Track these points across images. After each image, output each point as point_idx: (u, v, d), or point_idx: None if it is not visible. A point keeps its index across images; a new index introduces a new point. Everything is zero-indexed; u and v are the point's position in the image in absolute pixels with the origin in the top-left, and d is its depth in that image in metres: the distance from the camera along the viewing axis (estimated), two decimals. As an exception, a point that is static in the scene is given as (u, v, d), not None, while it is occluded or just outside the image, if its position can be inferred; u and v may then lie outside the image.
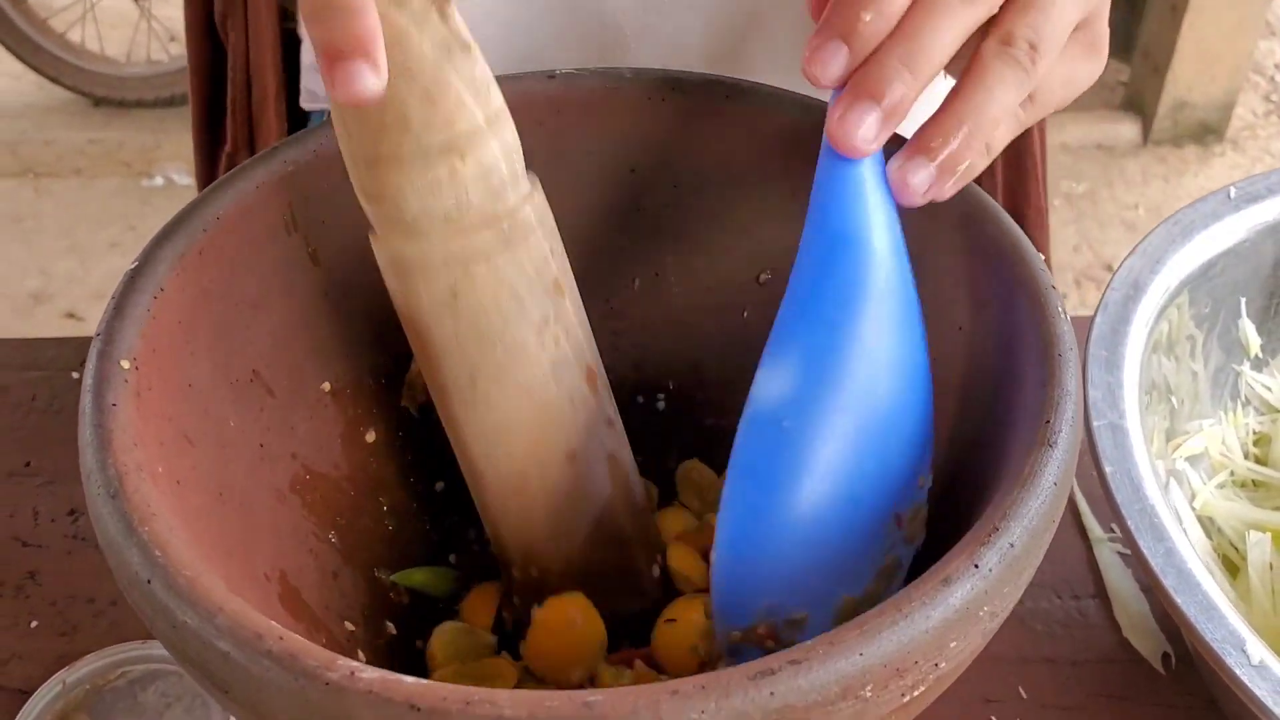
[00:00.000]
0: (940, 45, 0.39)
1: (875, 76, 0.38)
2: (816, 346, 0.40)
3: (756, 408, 0.40)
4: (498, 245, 0.42)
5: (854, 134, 0.38)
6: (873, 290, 0.39)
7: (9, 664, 0.58)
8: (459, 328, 0.43)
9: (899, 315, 0.40)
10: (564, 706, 0.29)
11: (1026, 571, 0.35)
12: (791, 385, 0.40)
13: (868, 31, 0.38)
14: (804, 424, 0.40)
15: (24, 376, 0.73)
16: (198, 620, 0.32)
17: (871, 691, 0.31)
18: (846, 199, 0.39)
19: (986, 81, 0.39)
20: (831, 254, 0.39)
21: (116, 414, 0.37)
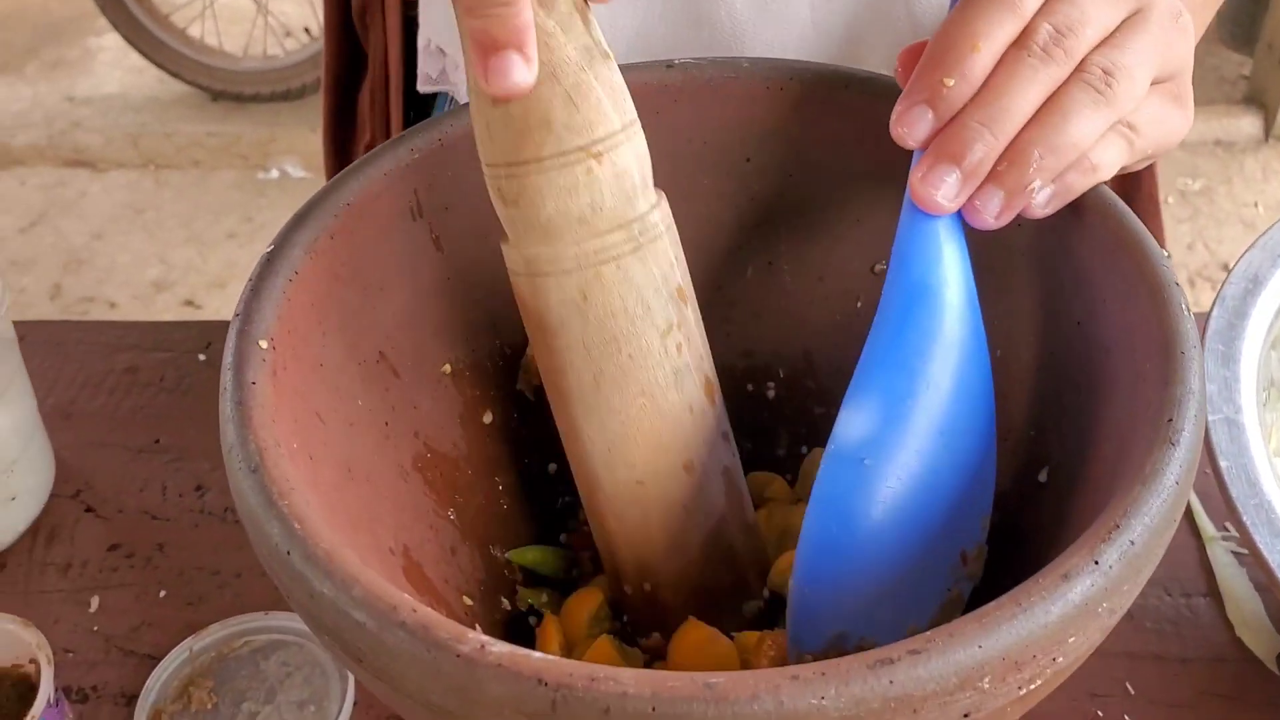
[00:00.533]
0: (1021, 106, 0.40)
1: (957, 139, 0.40)
2: (897, 390, 0.42)
3: (839, 444, 0.43)
4: (628, 249, 0.44)
5: (935, 194, 0.40)
6: (949, 340, 0.42)
7: (139, 630, 0.60)
8: (586, 330, 0.44)
9: (970, 364, 0.43)
10: (686, 687, 0.30)
11: (1146, 569, 0.35)
12: (873, 426, 0.42)
13: (951, 96, 0.40)
14: (883, 463, 0.42)
15: (152, 358, 0.76)
16: (334, 590, 0.33)
17: (989, 684, 0.31)
18: (927, 253, 0.42)
19: (1062, 106, 0.41)
20: (911, 304, 0.42)
21: (255, 391, 0.39)
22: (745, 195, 0.54)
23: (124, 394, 0.74)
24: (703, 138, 0.53)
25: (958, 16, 0.41)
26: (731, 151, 0.53)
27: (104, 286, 2.33)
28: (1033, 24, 0.41)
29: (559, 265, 0.43)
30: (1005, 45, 0.41)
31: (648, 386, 0.46)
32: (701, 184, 0.53)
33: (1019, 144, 0.40)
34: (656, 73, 0.52)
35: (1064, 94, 0.41)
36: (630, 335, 0.45)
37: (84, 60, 3.03)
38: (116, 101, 2.84)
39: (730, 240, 0.55)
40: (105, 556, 0.64)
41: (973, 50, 0.40)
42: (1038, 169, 0.40)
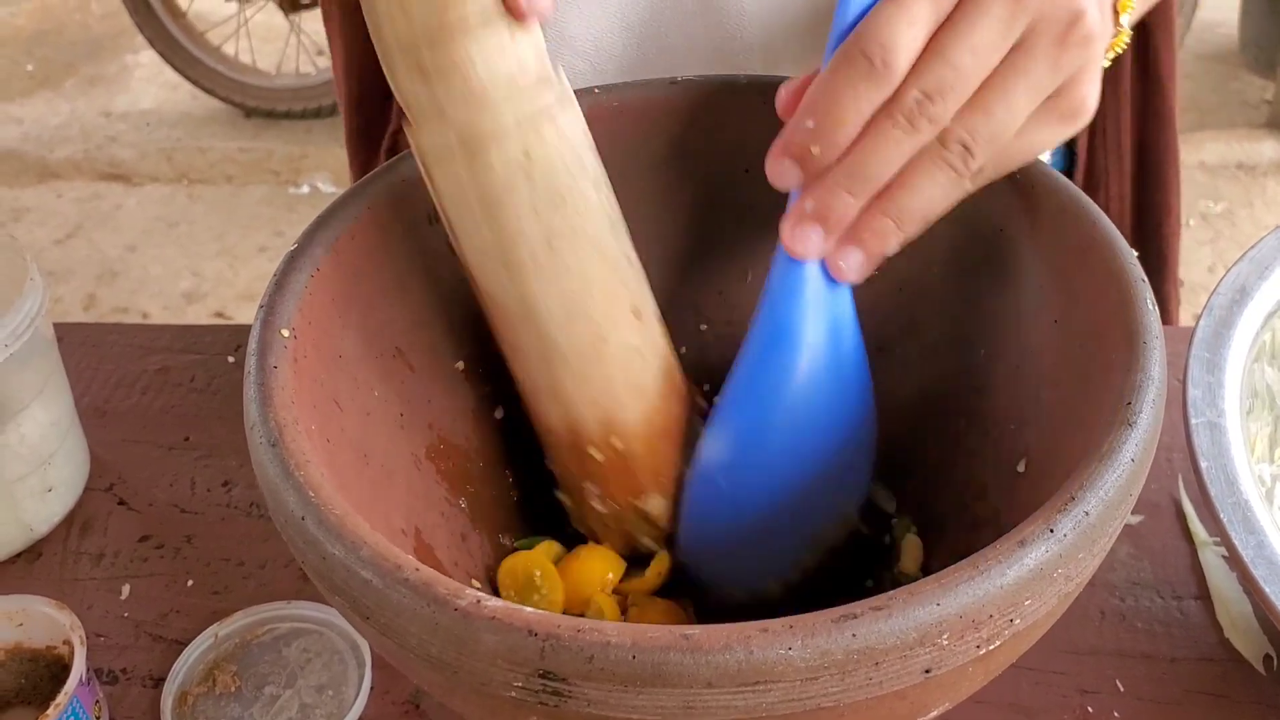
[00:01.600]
0: (882, 172, 0.43)
1: (821, 200, 0.44)
2: (748, 422, 0.48)
3: (703, 465, 0.50)
4: (557, 104, 0.45)
5: (804, 246, 0.45)
6: (803, 376, 0.47)
7: (168, 617, 0.63)
8: (534, 191, 0.45)
9: (826, 397, 0.48)
10: (663, 637, 0.32)
11: (1102, 541, 0.37)
12: (727, 452, 0.49)
13: (818, 159, 0.44)
14: (735, 484, 0.49)
15: (183, 359, 0.79)
16: (344, 552, 0.36)
17: (948, 640, 0.34)
18: (791, 295, 0.46)
19: (916, 181, 0.43)
20: (773, 343, 0.47)
21: (277, 375, 0.42)
22: (745, 205, 0.56)
23: (156, 393, 0.77)
24: (705, 151, 0.55)
25: (827, 82, 0.43)
26: (732, 163, 0.56)
27: (137, 297, 2.37)
28: (902, 89, 0.42)
29: (499, 129, 0.44)
30: (872, 111, 0.42)
31: (595, 236, 0.47)
32: (703, 193, 0.56)
33: (876, 214, 0.44)
34: (660, 89, 0.54)
35: (923, 168, 0.43)
36: (573, 190, 0.46)
37: (121, 77, 3.09)
38: (152, 117, 2.90)
39: (731, 248, 0.57)
40: (136, 547, 0.67)
41: (839, 125, 0.42)
42: (893, 235, 0.44)
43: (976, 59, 0.42)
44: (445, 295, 0.53)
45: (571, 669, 0.33)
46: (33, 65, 3.15)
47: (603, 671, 0.32)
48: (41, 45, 3.23)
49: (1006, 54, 0.43)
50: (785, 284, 0.46)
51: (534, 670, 0.33)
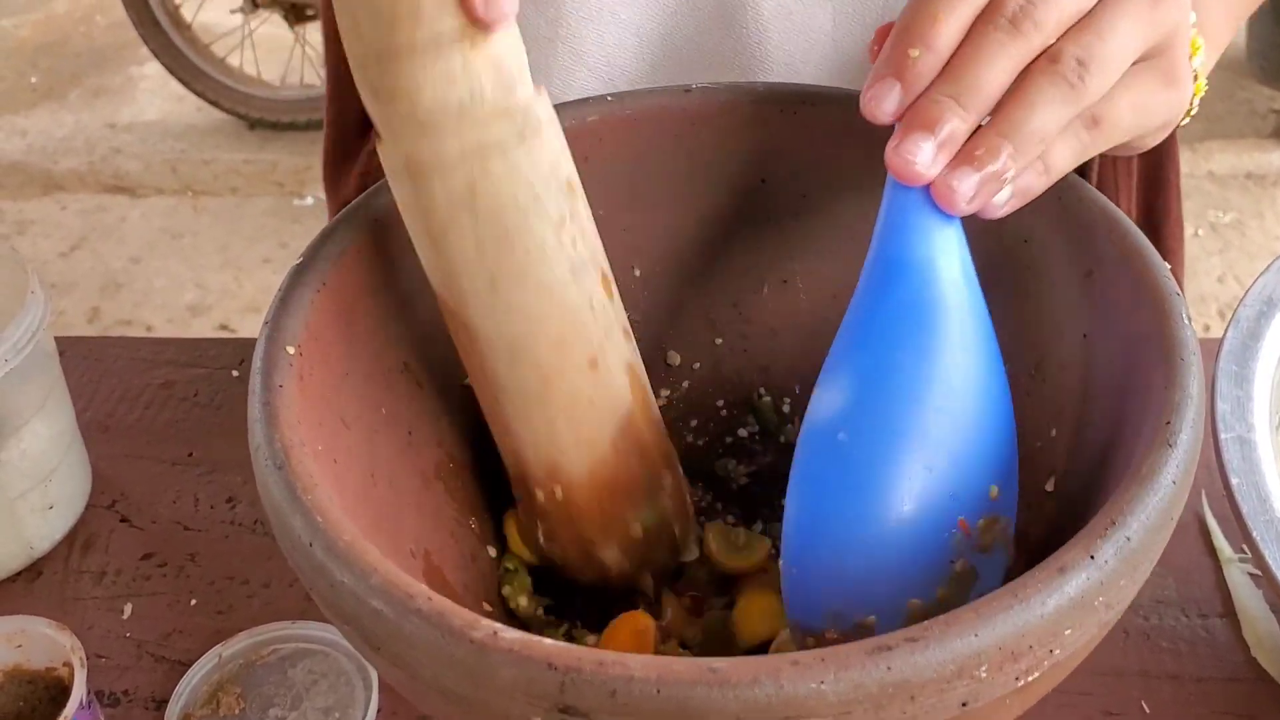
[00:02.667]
0: (990, 80, 0.40)
1: (928, 111, 0.40)
2: (870, 364, 0.42)
3: (813, 421, 0.43)
4: (513, 138, 0.42)
5: (911, 162, 0.40)
6: (932, 308, 0.41)
7: (171, 637, 0.62)
8: (478, 228, 0.43)
9: (963, 332, 0.42)
10: (689, 671, 0.31)
11: (1143, 566, 0.36)
12: (845, 401, 0.42)
13: (917, 68, 0.40)
14: (858, 437, 0.42)
15: (188, 374, 0.78)
16: (354, 579, 0.35)
17: (986, 672, 0.32)
18: (905, 225, 0.41)
19: (1029, 97, 0.40)
20: (887, 276, 0.42)
21: (283, 394, 0.40)
22: (761, 215, 0.55)
23: (159, 408, 0.76)
24: (720, 160, 0.54)
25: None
26: (748, 173, 0.54)
27: (141, 310, 2.36)
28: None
29: (442, 159, 0.42)
30: (972, 16, 0.40)
31: (547, 282, 0.44)
32: (718, 204, 0.55)
33: (989, 132, 0.40)
34: (675, 97, 0.53)
35: (1032, 84, 0.40)
36: (523, 230, 0.43)
37: (126, 88, 3.09)
38: (156, 129, 2.89)
39: (747, 258, 0.56)
40: (139, 565, 0.66)
41: (934, 21, 0.40)
42: (1011, 157, 0.40)
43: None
44: (454, 309, 0.52)
45: (593, 704, 0.31)
46: (37, 77, 3.15)
47: (626, 707, 0.31)
48: (46, 57, 3.23)
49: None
50: (897, 215, 0.41)
51: (554, 705, 0.32)
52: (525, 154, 0.43)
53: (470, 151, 0.42)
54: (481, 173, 0.42)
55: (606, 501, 0.49)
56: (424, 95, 0.41)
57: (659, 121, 0.53)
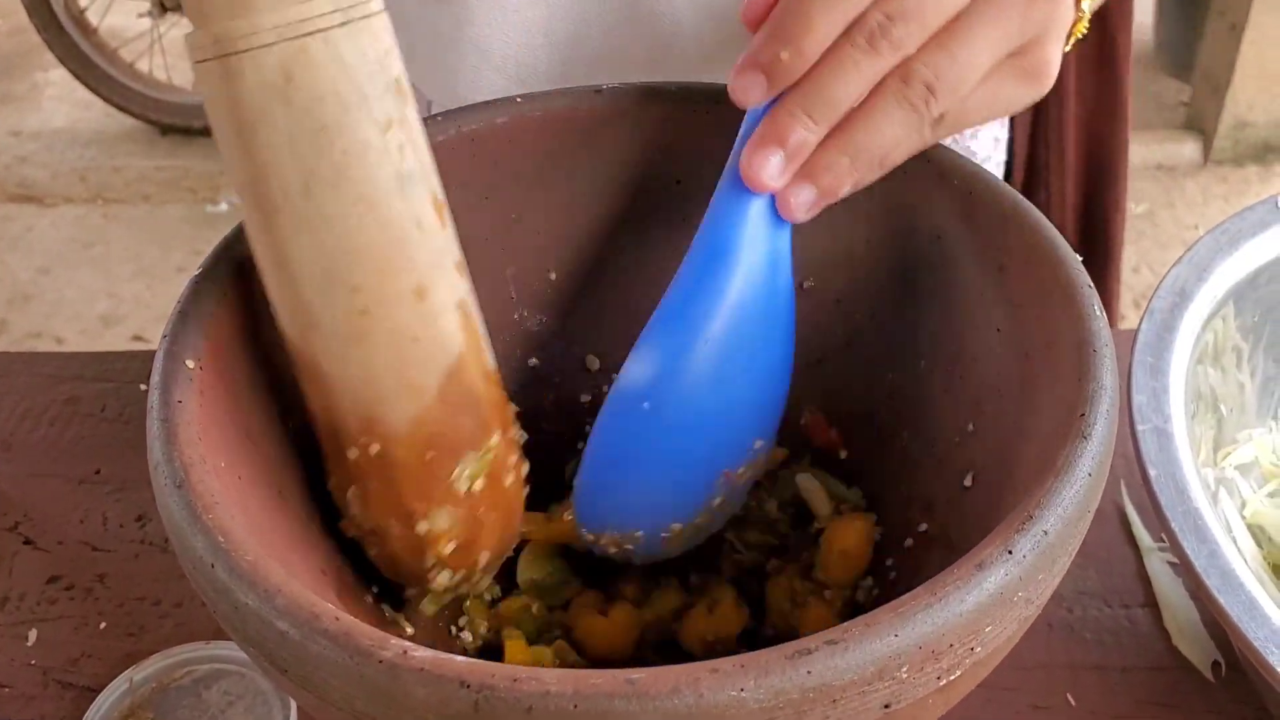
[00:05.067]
0: (843, 96, 0.42)
1: (780, 123, 0.43)
2: (678, 342, 0.46)
3: (624, 385, 0.48)
4: (337, 20, 0.39)
5: (761, 172, 0.43)
6: (736, 299, 0.45)
7: (79, 662, 0.60)
8: (292, 121, 0.39)
9: (756, 318, 0.46)
10: (607, 683, 0.30)
11: (1061, 559, 0.36)
12: (651, 374, 0.47)
13: (784, 69, 0.42)
14: (657, 405, 0.47)
15: (95, 388, 0.76)
16: (258, 601, 0.33)
17: (907, 673, 0.32)
18: (730, 218, 0.45)
19: (874, 118, 0.42)
20: (705, 264, 0.45)
21: (182, 410, 0.39)
22: (676, 217, 0.54)
23: (64, 425, 0.73)
24: (633, 162, 0.53)
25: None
26: (661, 175, 0.54)
27: (51, 321, 2.31)
28: (867, 12, 0.41)
29: (256, 39, 0.38)
30: (843, 25, 0.42)
31: (369, 190, 0.40)
32: (633, 206, 0.54)
33: (832, 148, 0.43)
34: (585, 98, 0.52)
35: (880, 104, 0.42)
36: (344, 125, 0.39)
37: (31, 95, 3.02)
38: (64, 136, 2.83)
39: (664, 261, 0.55)
40: (44, 589, 0.64)
41: (808, 27, 0.41)
42: (849, 171, 0.43)
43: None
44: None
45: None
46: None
47: (543, 723, 0.30)
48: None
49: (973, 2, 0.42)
50: (730, 210, 0.45)
51: (469, 724, 0.31)
52: (350, 40, 0.39)
53: (288, 31, 0.38)
54: (299, 56, 0.38)
55: (432, 460, 0.45)
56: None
57: (569, 122, 0.52)
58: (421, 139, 0.42)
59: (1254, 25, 2.45)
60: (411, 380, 0.43)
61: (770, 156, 0.43)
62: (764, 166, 0.43)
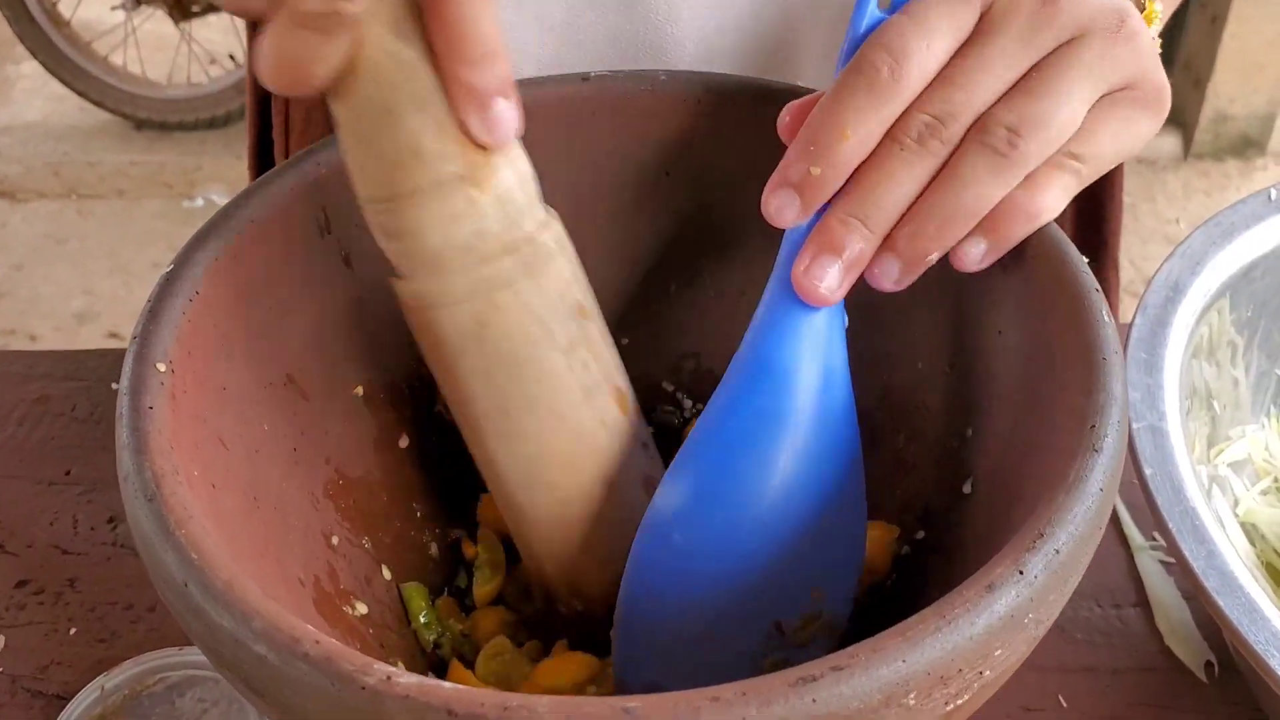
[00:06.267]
0: (894, 199, 0.40)
1: (833, 232, 0.40)
2: (714, 468, 0.43)
3: (655, 515, 0.44)
4: (520, 272, 0.42)
5: (819, 285, 0.41)
6: (785, 421, 0.42)
7: (48, 669, 0.58)
8: (487, 360, 0.43)
9: (813, 444, 0.43)
10: (602, 712, 0.29)
11: (1073, 578, 0.35)
12: (684, 502, 0.44)
13: (818, 185, 0.40)
14: (690, 539, 0.44)
15: (65, 387, 0.74)
16: (234, 623, 0.32)
17: (915, 699, 0.31)
18: (785, 333, 0.42)
19: (959, 173, 0.40)
20: (752, 382, 0.43)
21: (153, 416, 0.38)
22: (666, 210, 0.53)
23: (33, 425, 0.72)
24: (621, 152, 0.52)
25: (832, 96, 0.40)
26: (650, 166, 0.52)
27: (25, 318, 2.28)
28: (909, 112, 0.40)
29: (450, 296, 0.42)
30: (880, 132, 0.40)
31: (558, 407, 0.44)
32: (621, 199, 0.53)
33: (917, 214, 0.40)
34: (572, 86, 0.51)
35: (961, 160, 0.40)
36: (533, 358, 0.43)
37: (2, 89, 2.98)
38: (37, 130, 2.80)
39: (653, 256, 0.54)
40: (12, 594, 0.62)
41: (841, 139, 0.39)
42: (935, 239, 0.41)
43: (994, 79, 0.40)
44: (341, 314, 0.49)
45: (498, 752, 0.29)
46: (-92, 79, 3.04)
47: (534, 755, 0.29)
48: (-83, 58, 3.12)
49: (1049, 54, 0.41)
50: (780, 324, 0.42)
51: (456, 754, 0.29)
52: (533, 286, 0.43)
53: (478, 288, 0.42)
54: (489, 307, 0.42)
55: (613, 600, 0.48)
56: (430, 236, 0.41)
57: (554, 111, 0.51)
58: (603, 346, 0.46)
59: (1235, 18, 2.45)
60: (606, 554, 0.47)
61: (828, 267, 0.40)
62: (822, 278, 0.40)
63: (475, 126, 0.39)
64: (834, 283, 0.41)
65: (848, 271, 0.41)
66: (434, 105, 0.39)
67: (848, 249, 0.40)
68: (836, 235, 0.40)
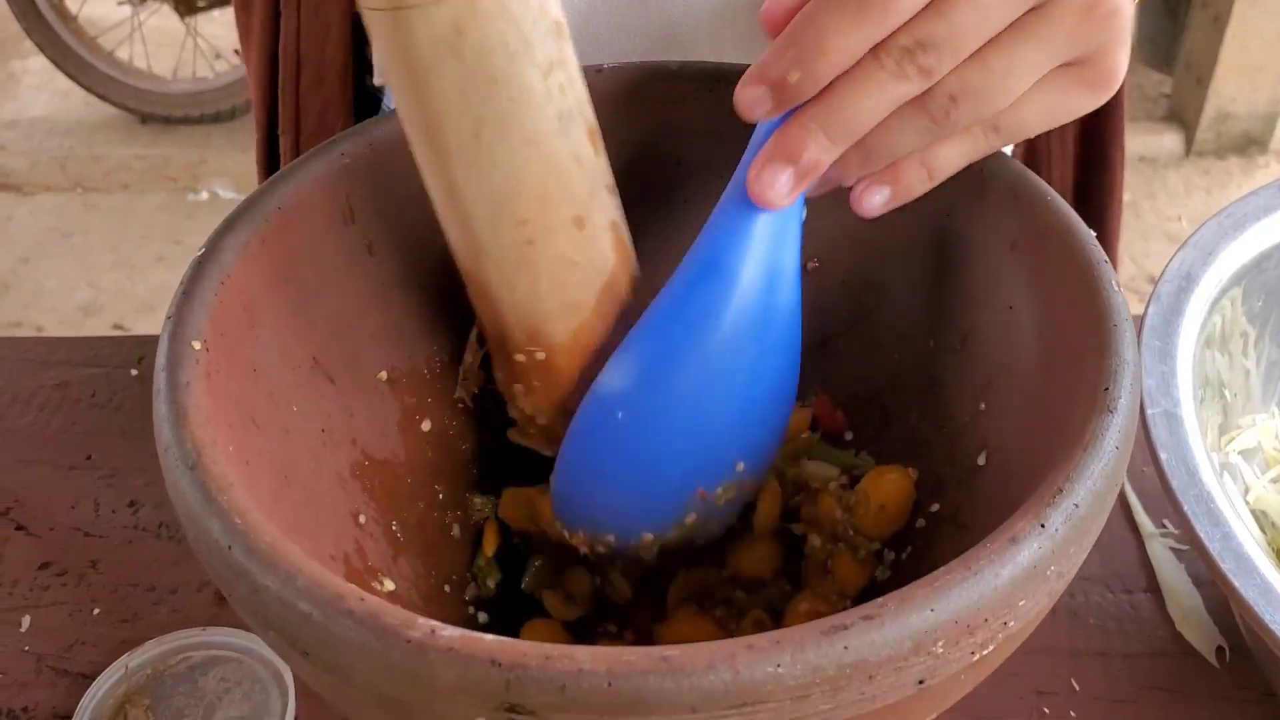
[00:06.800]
0: (862, 118, 0.40)
1: (794, 138, 0.41)
2: (657, 356, 0.45)
3: (601, 390, 0.46)
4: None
5: (768, 190, 0.41)
6: (728, 316, 0.44)
7: (73, 649, 0.59)
8: (463, 71, 0.40)
9: (749, 340, 0.45)
10: (641, 661, 0.30)
11: (1091, 533, 0.36)
12: (629, 383, 0.46)
13: (794, 90, 0.40)
14: (632, 417, 0.46)
15: (84, 373, 0.75)
16: (278, 583, 0.32)
17: (943, 648, 0.31)
18: (734, 233, 0.43)
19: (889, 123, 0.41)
20: (699, 279, 0.44)
21: (190, 391, 0.38)
22: (677, 198, 0.53)
23: (54, 410, 0.72)
24: (632, 142, 0.52)
25: (820, 6, 0.40)
26: (661, 155, 0.53)
27: (30, 311, 2.29)
28: (895, 34, 0.39)
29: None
30: (862, 51, 0.39)
31: (533, 133, 0.42)
32: (631, 187, 0.53)
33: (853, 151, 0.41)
34: (586, 77, 0.51)
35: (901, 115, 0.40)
36: (511, 75, 0.41)
37: (8, 83, 2.99)
38: (43, 124, 2.81)
39: (664, 244, 0.54)
40: (36, 575, 0.63)
41: (822, 51, 0.39)
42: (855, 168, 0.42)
43: (983, 20, 0.39)
44: (365, 301, 0.50)
45: (541, 701, 0.30)
46: (-86, 72, 3.04)
47: (576, 702, 0.29)
48: (-77, 52, 3.12)
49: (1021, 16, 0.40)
50: (731, 223, 0.43)
51: (500, 704, 0.30)
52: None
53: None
54: (468, 11, 0.39)
55: (587, 363, 0.48)
56: None
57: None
58: (577, 73, 0.43)
59: (1237, 17, 2.46)
60: (571, 299, 0.46)
61: (780, 173, 0.41)
62: (772, 183, 0.41)
63: None
64: (785, 188, 0.41)
65: (800, 178, 0.41)
66: None
67: (804, 156, 0.41)
68: (795, 141, 0.41)
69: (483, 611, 0.52)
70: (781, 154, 0.41)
